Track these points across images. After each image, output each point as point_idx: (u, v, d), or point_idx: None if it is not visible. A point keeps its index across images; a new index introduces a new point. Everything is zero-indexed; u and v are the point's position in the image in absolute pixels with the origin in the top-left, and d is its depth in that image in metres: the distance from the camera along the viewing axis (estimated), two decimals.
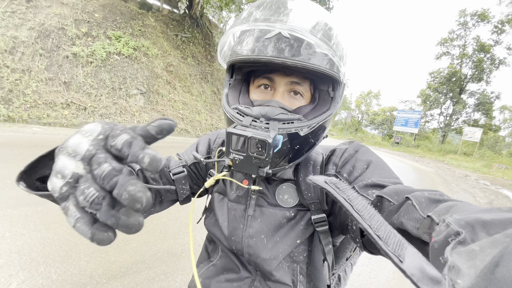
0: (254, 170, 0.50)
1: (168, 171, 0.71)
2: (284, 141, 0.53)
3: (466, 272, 0.21)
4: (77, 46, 7.58)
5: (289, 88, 0.61)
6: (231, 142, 0.50)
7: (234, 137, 0.49)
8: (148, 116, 8.29)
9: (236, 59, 0.59)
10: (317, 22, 0.54)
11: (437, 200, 0.39)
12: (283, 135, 0.53)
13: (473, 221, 0.27)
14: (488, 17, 25.39)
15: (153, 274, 2.07)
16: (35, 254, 2.04)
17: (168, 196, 0.71)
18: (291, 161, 0.58)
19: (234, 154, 0.51)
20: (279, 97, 0.60)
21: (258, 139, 0.47)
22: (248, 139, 0.48)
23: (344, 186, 0.35)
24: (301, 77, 0.60)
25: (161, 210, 0.74)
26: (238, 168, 0.52)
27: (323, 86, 0.61)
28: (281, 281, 0.62)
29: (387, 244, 0.27)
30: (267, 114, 0.55)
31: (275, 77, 0.61)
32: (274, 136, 0.49)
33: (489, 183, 10.34)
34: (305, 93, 0.62)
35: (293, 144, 0.55)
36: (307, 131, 0.55)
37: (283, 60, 0.53)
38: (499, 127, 31.85)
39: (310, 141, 0.58)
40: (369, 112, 42.50)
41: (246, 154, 0.49)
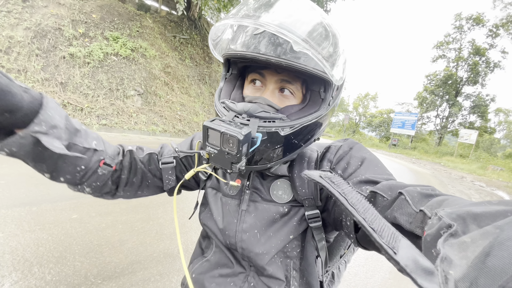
0: (227, 165, 0.51)
1: (158, 159, 0.73)
2: (263, 139, 0.53)
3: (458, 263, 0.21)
4: (74, 46, 7.56)
5: (279, 85, 0.61)
6: (207, 135, 0.51)
7: (209, 130, 0.50)
8: (145, 117, 8.26)
9: (227, 53, 0.60)
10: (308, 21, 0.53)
11: (429, 195, 0.39)
12: (263, 133, 0.53)
13: (464, 214, 0.27)
14: (483, 21, 25.72)
15: (149, 274, 2.06)
16: (29, 255, 2.01)
17: (154, 181, 0.73)
18: (274, 161, 0.58)
19: (209, 147, 0.52)
20: (269, 95, 0.60)
21: (229, 134, 0.48)
22: (221, 134, 0.49)
23: (339, 180, 0.36)
24: (292, 75, 0.59)
25: (149, 194, 0.76)
26: (213, 162, 0.53)
27: (315, 87, 0.61)
28: (274, 276, 0.62)
29: (381, 236, 0.27)
30: (249, 111, 0.55)
31: (266, 74, 0.61)
32: (247, 134, 0.49)
33: (484, 185, 10.43)
34: (296, 92, 0.61)
35: (273, 143, 0.55)
36: (289, 132, 0.54)
37: (268, 57, 0.53)
38: (494, 129, 32.20)
39: (294, 142, 0.57)
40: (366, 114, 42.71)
41: (219, 149, 0.50)
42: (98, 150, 0.61)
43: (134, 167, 0.70)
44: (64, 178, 0.58)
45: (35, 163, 0.51)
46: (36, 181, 3.16)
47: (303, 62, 0.53)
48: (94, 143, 0.60)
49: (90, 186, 0.63)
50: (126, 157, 0.69)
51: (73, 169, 0.57)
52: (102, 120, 7.20)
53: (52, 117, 0.47)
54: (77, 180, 0.60)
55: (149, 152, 0.73)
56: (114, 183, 0.68)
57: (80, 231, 2.43)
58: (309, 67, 0.53)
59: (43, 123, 0.45)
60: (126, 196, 0.73)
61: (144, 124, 8.11)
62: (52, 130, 0.47)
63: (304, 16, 0.53)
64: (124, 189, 0.70)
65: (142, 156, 0.71)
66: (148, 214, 2.99)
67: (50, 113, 0.47)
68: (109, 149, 0.66)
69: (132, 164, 0.70)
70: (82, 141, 0.56)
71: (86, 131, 0.59)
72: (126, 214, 2.86)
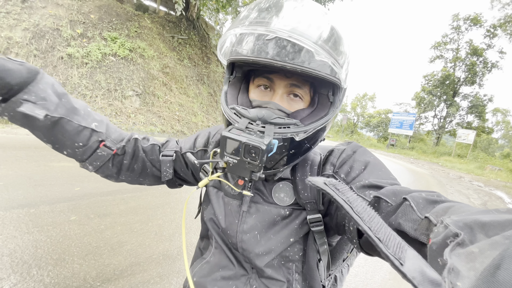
0: (247, 174, 0.51)
1: (160, 151, 0.76)
2: (279, 145, 0.53)
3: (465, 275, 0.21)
4: (72, 47, 7.52)
5: (289, 90, 0.60)
6: (225, 145, 0.50)
7: (228, 141, 0.49)
8: (143, 117, 8.24)
9: (236, 58, 0.59)
10: (319, 26, 0.53)
11: (435, 201, 0.39)
12: (279, 139, 0.53)
13: (472, 222, 0.26)
14: (480, 21, 25.84)
15: (148, 276, 2.05)
16: (27, 257, 2.00)
17: (153, 171, 0.76)
18: (286, 165, 0.58)
19: (227, 157, 0.51)
20: (278, 99, 0.60)
21: (252, 145, 0.47)
22: (242, 144, 0.48)
23: (344, 187, 0.35)
24: (301, 80, 0.59)
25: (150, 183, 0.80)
26: (232, 171, 0.52)
27: (323, 90, 0.61)
28: (274, 278, 0.62)
29: (387, 246, 0.27)
30: (264, 117, 0.54)
31: (275, 79, 0.60)
32: (269, 142, 0.49)
33: (482, 185, 10.47)
34: (305, 96, 0.61)
35: (288, 148, 0.55)
36: (303, 136, 0.55)
37: (283, 64, 0.52)
38: (492, 129, 32.33)
39: (306, 146, 0.58)
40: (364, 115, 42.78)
41: (239, 159, 0.50)
42: (98, 131, 0.66)
43: (136, 154, 0.74)
44: (66, 152, 0.65)
45: (32, 130, 0.59)
46: (34, 183, 3.14)
47: (316, 67, 0.53)
48: (94, 124, 0.65)
49: (91, 165, 0.69)
50: (130, 144, 0.73)
51: (71, 144, 0.63)
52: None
53: (43, 90, 0.55)
54: (79, 156, 0.66)
55: (153, 143, 0.77)
56: (115, 167, 0.73)
57: (78, 233, 2.41)
58: (323, 72, 0.53)
59: (32, 93, 0.54)
60: (128, 181, 0.78)
61: (142, 124, 8.09)
62: (40, 101, 0.55)
63: (316, 21, 0.53)
64: (126, 174, 0.75)
65: (146, 145, 0.75)
66: (147, 215, 2.97)
67: (41, 86, 0.55)
68: (113, 133, 0.71)
69: (135, 151, 0.74)
70: (79, 119, 0.62)
71: (90, 112, 0.66)
72: (125, 216, 2.85)
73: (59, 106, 0.58)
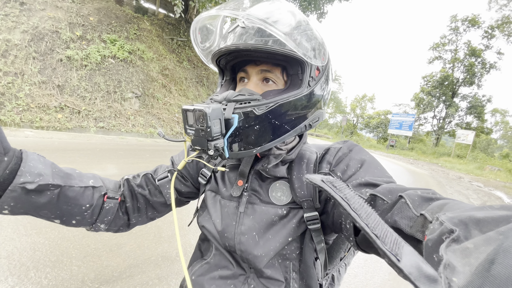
0: (204, 144, 0.53)
1: (153, 179, 0.75)
2: (241, 120, 0.55)
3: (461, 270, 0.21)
4: (71, 49, 7.54)
5: (261, 76, 0.63)
6: (186, 118, 0.54)
7: (187, 113, 0.54)
8: (143, 119, 8.25)
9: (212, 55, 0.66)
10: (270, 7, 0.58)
11: (430, 199, 0.39)
12: (239, 114, 0.55)
13: (466, 219, 0.27)
14: (478, 22, 25.98)
15: (147, 278, 2.04)
16: (25, 259, 1.99)
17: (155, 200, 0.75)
18: (258, 145, 0.58)
19: (188, 129, 0.55)
20: (252, 86, 0.62)
21: (198, 109, 0.51)
22: (193, 112, 0.52)
23: (341, 185, 0.36)
24: (270, 64, 0.62)
25: (160, 214, 0.78)
26: (194, 144, 0.55)
27: (293, 71, 0.62)
28: (273, 278, 0.62)
29: (384, 243, 0.27)
30: (227, 97, 0.58)
31: (248, 68, 0.64)
32: (216, 109, 0.51)
33: (482, 185, 10.48)
34: (278, 80, 0.63)
35: (252, 124, 0.56)
36: (265, 110, 0.56)
37: (236, 46, 0.57)
38: (491, 129, 32.43)
39: (275, 123, 0.58)
40: (364, 116, 42.86)
41: (195, 128, 0.53)
42: (97, 186, 0.64)
43: (134, 193, 0.73)
44: (75, 221, 0.61)
45: (39, 211, 0.55)
46: None
47: (270, 44, 0.57)
48: (91, 181, 0.64)
49: (103, 222, 0.67)
50: (125, 187, 0.73)
51: (79, 209, 0.60)
52: (100, 123, 7.18)
53: (34, 167, 0.52)
54: (88, 220, 0.63)
55: (144, 173, 0.76)
56: (125, 214, 0.72)
57: (77, 234, 2.41)
58: (277, 47, 0.56)
59: (27, 174, 0.51)
60: (139, 221, 0.76)
61: (142, 126, 8.10)
62: (38, 178, 0.52)
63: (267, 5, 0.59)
64: (135, 216, 0.74)
65: (138, 181, 0.74)
66: None
67: (31, 163, 0.52)
68: (109, 184, 0.70)
69: (132, 191, 0.73)
70: (77, 182, 0.60)
71: (80, 173, 0.63)
72: None
73: (55, 177, 0.55)
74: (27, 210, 0.53)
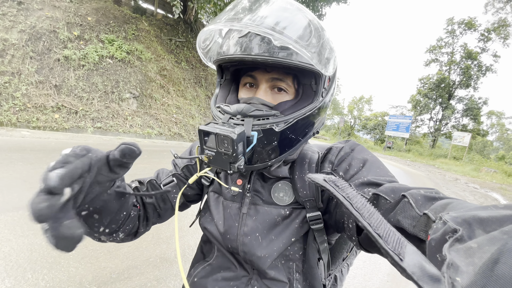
0: (226, 166, 0.52)
1: (158, 184, 0.73)
2: (259, 137, 0.54)
3: (464, 270, 0.21)
4: (69, 49, 7.50)
5: (271, 84, 0.61)
6: (203, 139, 0.53)
7: (204, 134, 0.52)
8: (141, 120, 8.21)
9: (217, 59, 0.62)
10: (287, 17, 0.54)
11: (433, 198, 0.39)
12: (258, 131, 0.54)
13: (470, 218, 0.27)
14: (474, 25, 26.23)
15: (145, 280, 2.03)
16: (22, 261, 1.97)
17: (162, 206, 0.73)
18: (274, 158, 0.58)
19: (207, 150, 0.53)
20: (262, 94, 0.61)
21: (223, 135, 0.49)
22: (215, 136, 0.50)
23: (343, 184, 0.35)
24: (282, 72, 0.60)
25: (162, 221, 0.77)
26: (213, 164, 0.54)
27: (306, 80, 0.61)
28: (277, 279, 0.62)
29: (387, 242, 0.27)
30: (243, 111, 0.56)
31: (257, 75, 0.62)
32: (241, 132, 0.50)
33: (478, 186, 10.55)
34: (289, 89, 0.62)
35: (270, 140, 0.55)
36: (283, 127, 0.55)
37: (253, 57, 0.54)
38: (487, 131, 32.68)
39: (292, 137, 0.58)
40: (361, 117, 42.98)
41: (216, 151, 0.52)
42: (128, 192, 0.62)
43: (143, 203, 0.71)
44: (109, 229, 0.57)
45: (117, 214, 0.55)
46: (29, 185, 3.10)
47: (288, 57, 0.54)
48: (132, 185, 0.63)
49: (124, 231, 0.63)
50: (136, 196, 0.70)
51: (118, 216, 0.57)
52: (97, 123, 7.14)
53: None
54: (116, 228, 0.59)
55: (148, 181, 0.73)
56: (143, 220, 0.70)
57: None
58: (295, 60, 0.54)
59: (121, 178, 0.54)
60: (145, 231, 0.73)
61: (139, 127, 8.06)
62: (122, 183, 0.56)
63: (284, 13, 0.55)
64: (143, 225, 0.70)
65: (145, 189, 0.72)
66: None
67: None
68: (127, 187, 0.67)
69: (142, 200, 0.71)
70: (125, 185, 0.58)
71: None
72: None
73: None
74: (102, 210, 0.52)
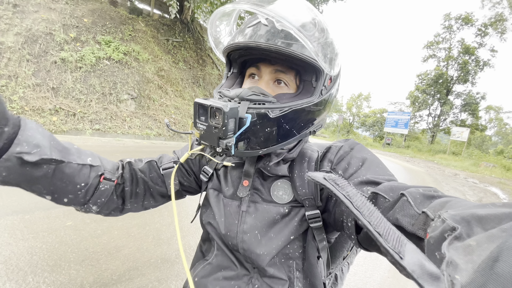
0: (215, 141, 0.52)
1: (158, 167, 0.74)
2: (253, 120, 0.54)
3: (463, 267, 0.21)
4: (66, 51, 7.47)
5: (274, 76, 0.62)
6: (197, 112, 0.53)
7: (199, 107, 0.53)
8: (139, 121, 8.20)
9: (225, 47, 0.64)
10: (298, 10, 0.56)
11: (432, 196, 0.39)
12: (252, 114, 0.54)
13: (469, 216, 0.27)
14: (471, 20, 26.25)
15: (147, 281, 2.03)
16: (23, 264, 1.97)
17: (157, 188, 0.73)
18: (265, 147, 0.58)
19: (198, 123, 0.54)
20: (263, 85, 0.62)
21: (215, 107, 0.50)
22: (208, 107, 0.51)
23: (343, 182, 0.36)
24: (285, 66, 0.61)
25: (155, 204, 0.77)
26: (203, 139, 0.54)
27: (307, 76, 0.62)
28: (277, 276, 0.62)
29: (387, 240, 0.27)
30: (241, 95, 0.57)
31: (261, 66, 0.63)
32: (233, 108, 0.51)
33: (477, 181, 10.59)
34: (290, 83, 0.63)
35: (263, 126, 0.56)
36: (278, 114, 0.55)
37: (257, 44, 0.55)
38: (486, 126, 32.77)
39: (285, 128, 0.58)
40: (360, 114, 43.09)
41: (207, 124, 0.52)
42: (95, 166, 0.62)
43: (135, 177, 0.71)
44: (67, 199, 0.59)
45: (31, 185, 0.53)
46: None
47: (293, 48, 0.55)
48: (89, 159, 0.61)
49: (96, 204, 0.64)
50: (126, 169, 0.71)
51: (73, 187, 0.58)
52: (95, 125, 7.12)
53: (32, 137, 0.48)
54: (81, 199, 0.61)
55: (148, 160, 0.74)
56: (120, 197, 0.70)
57: (74, 238, 2.39)
58: (299, 52, 0.55)
59: (24, 143, 0.47)
60: (134, 208, 0.74)
61: (138, 128, 8.05)
62: (35, 149, 0.48)
63: (296, 9, 0.56)
64: (131, 202, 0.71)
65: (141, 166, 0.72)
66: (145, 219, 2.95)
67: (29, 133, 0.48)
68: (107, 164, 0.67)
69: (133, 175, 0.71)
70: (75, 158, 0.57)
71: (79, 149, 0.61)
72: (122, 220, 2.82)
73: (53, 150, 0.52)
74: (20, 182, 0.51)
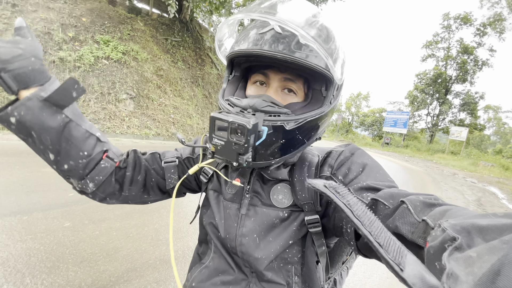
0: (233, 157, 0.51)
1: (160, 159, 0.75)
2: (269, 133, 0.54)
3: (464, 280, 0.21)
4: (64, 50, 7.45)
5: (283, 84, 0.61)
6: (214, 126, 0.52)
7: (216, 121, 0.51)
8: (138, 121, 8.18)
9: (233, 52, 0.61)
10: (310, 19, 0.55)
11: (432, 204, 0.39)
12: (268, 127, 0.53)
13: (469, 226, 0.27)
14: (470, 20, 26.29)
15: (145, 282, 2.02)
16: (21, 266, 1.96)
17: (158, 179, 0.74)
18: (278, 157, 0.58)
19: (215, 139, 0.52)
20: (272, 93, 0.61)
21: (237, 123, 0.48)
22: (229, 124, 0.50)
23: (344, 190, 0.35)
24: (295, 74, 0.60)
25: (154, 197, 0.77)
26: (219, 154, 0.53)
27: (316, 85, 0.61)
28: (274, 281, 0.62)
29: (387, 251, 0.27)
30: (255, 106, 0.55)
31: (270, 73, 0.62)
32: (255, 124, 0.50)
33: (476, 181, 10.62)
34: (299, 91, 0.62)
35: (278, 137, 0.55)
36: (293, 126, 0.55)
37: (273, 54, 0.54)
38: (484, 126, 32.91)
39: (298, 138, 0.58)
40: (359, 114, 43.15)
41: (226, 140, 0.51)
42: (102, 141, 0.64)
43: (139, 164, 0.72)
44: (67, 165, 0.60)
45: (41, 133, 0.55)
46: (26, 189, 3.09)
47: (307, 58, 0.54)
48: (98, 134, 0.64)
49: (93, 181, 0.64)
50: (131, 155, 0.72)
51: (76, 153, 0.59)
52: (94, 124, 7.10)
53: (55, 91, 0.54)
54: (80, 170, 0.62)
55: (152, 152, 0.76)
56: (118, 182, 0.69)
57: (73, 239, 2.38)
58: (314, 63, 0.54)
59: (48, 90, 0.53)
60: (131, 197, 0.73)
61: (137, 128, 8.03)
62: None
63: (309, 17, 0.56)
64: (129, 189, 0.71)
65: (146, 155, 0.74)
66: (143, 220, 2.94)
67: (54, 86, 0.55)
68: (114, 148, 0.69)
69: (137, 161, 0.72)
70: (86, 125, 0.60)
71: (92, 124, 0.64)
72: (121, 221, 2.82)
73: (69, 109, 0.57)
74: (33, 125, 0.53)
